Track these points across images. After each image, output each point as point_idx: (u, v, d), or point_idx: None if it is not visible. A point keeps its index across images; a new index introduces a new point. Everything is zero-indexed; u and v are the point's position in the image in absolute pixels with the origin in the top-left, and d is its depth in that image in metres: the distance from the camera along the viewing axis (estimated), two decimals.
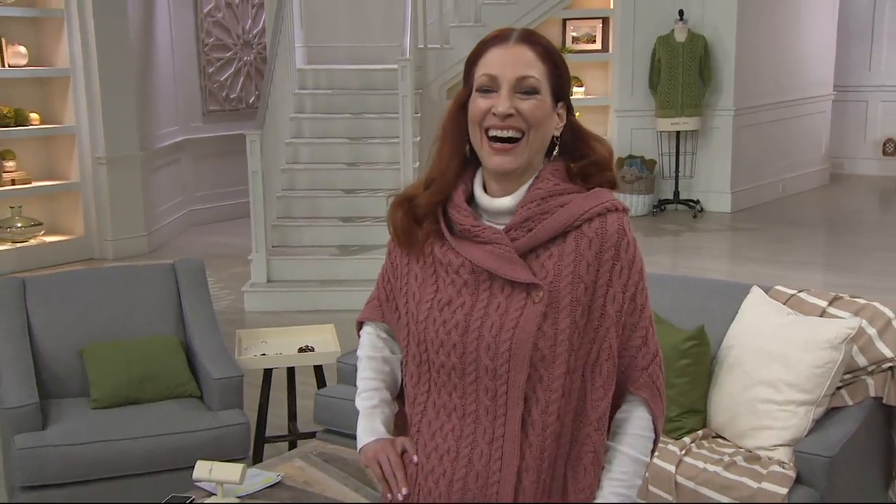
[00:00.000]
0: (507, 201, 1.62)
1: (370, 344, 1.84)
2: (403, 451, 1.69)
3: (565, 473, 1.60)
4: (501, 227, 1.61)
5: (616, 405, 1.66)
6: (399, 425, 1.79)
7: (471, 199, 1.66)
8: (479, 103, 1.60)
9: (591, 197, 1.61)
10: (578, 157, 1.67)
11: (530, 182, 1.63)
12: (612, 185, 1.68)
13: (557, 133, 1.65)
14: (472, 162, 1.67)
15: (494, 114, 1.57)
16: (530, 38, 1.63)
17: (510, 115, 1.58)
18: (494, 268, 1.58)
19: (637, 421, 1.64)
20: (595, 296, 1.59)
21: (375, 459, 1.69)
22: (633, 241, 1.63)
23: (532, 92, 1.59)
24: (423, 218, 1.66)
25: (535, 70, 1.59)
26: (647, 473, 1.70)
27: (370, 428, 1.74)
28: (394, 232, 1.72)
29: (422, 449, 1.65)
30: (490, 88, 1.59)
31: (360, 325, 1.88)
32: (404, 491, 1.64)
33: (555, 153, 1.66)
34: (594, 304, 1.59)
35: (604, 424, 1.62)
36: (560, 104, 1.65)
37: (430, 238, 1.66)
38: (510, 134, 1.58)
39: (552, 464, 1.59)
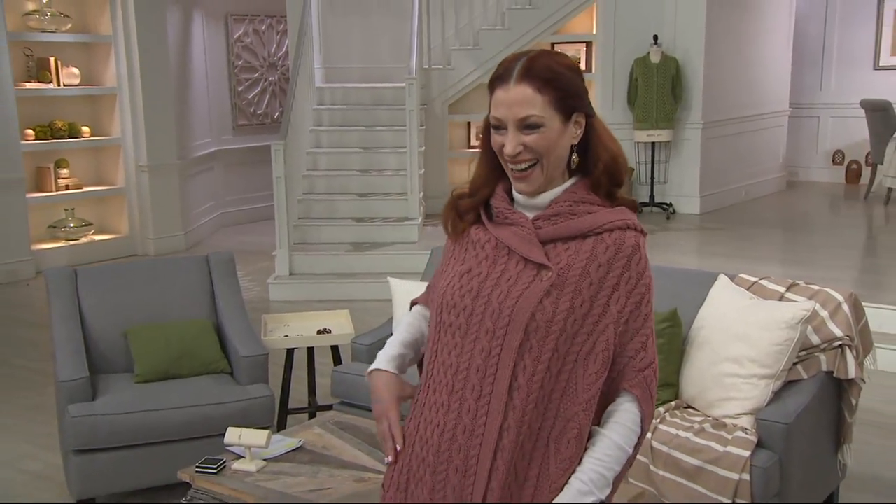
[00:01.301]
0: (541, 198, 1.62)
1: (411, 316, 1.82)
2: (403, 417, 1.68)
3: (548, 444, 1.56)
4: (531, 216, 1.63)
5: (610, 401, 1.63)
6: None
7: (509, 194, 1.67)
8: (495, 139, 1.60)
9: (616, 212, 1.61)
10: (594, 165, 1.64)
11: (561, 187, 1.63)
12: (634, 207, 1.67)
13: (575, 142, 1.62)
14: None
15: (505, 153, 1.57)
16: (529, 73, 1.57)
17: (520, 152, 1.57)
18: (515, 245, 1.59)
19: (626, 414, 1.60)
20: (600, 293, 1.57)
21: (381, 417, 1.67)
22: (645, 259, 1.63)
23: (535, 126, 1.56)
24: (466, 214, 1.68)
25: (536, 107, 1.56)
26: (628, 468, 1.63)
27: (385, 356, 1.73)
28: (445, 226, 1.72)
29: (422, 401, 1.64)
30: (500, 126, 1.58)
31: (411, 306, 1.87)
32: (390, 458, 1.64)
33: (574, 159, 1.64)
34: (597, 301, 1.57)
35: (592, 408, 1.58)
36: (576, 115, 1.60)
37: (470, 226, 1.68)
38: (523, 166, 1.58)
39: (535, 431, 1.56)
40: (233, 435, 2.83)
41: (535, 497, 1.55)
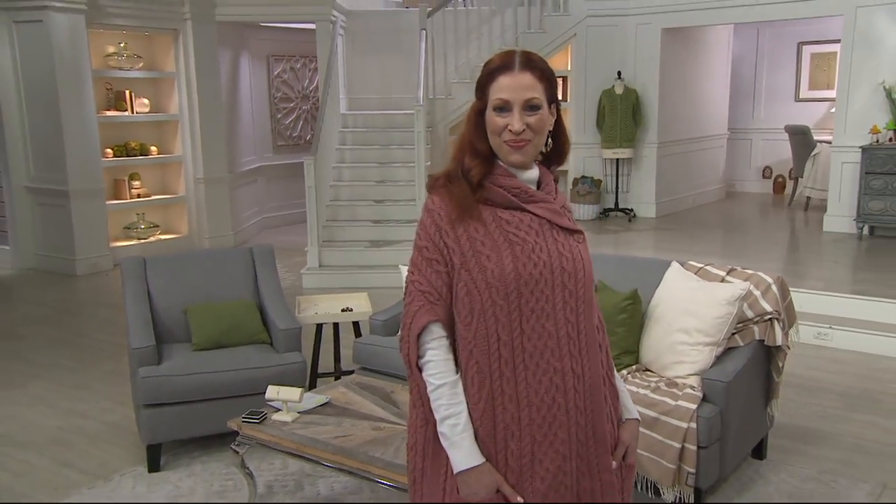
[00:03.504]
0: (530, 173, 1.59)
1: (439, 370, 1.52)
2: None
3: (608, 367, 1.64)
4: None
5: None
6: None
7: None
8: (497, 121, 1.52)
9: (563, 196, 1.66)
10: (559, 148, 1.65)
11: (535, 169, 1.61)
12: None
13: (551, 127, 1.60)
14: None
15: (511, 130, 1.52)
16: (529, 63, 1.55)
17: (525, 130, 1.53)
18: (554, 218, 1.57)
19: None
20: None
21: (493, 487, 1.49)
22: None
23: (536, 108, 1.53)
24: (477, 186, 1.54)
25: (537, 91, 1.54)
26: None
27: (467, 452, 1.49)
28: (452, 202, 1.52)
29: (526, 377, 1.49)
30: (504, 108, 1.52)
31: (418, 334, 1.53)
32: (519, 500, 1.50)
33: (549, 143, 1.62)
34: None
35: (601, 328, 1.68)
36: (552, 105, 1.59)
37: (480, 205, 1.53)
38: (523, 140, 1.54)
39: (607, 361, 1.63)
40: (272, 392, 2.84)
41: (615, 405, 1.63)
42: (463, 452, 1.48)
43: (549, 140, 1.62)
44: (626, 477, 1.65)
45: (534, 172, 1.61)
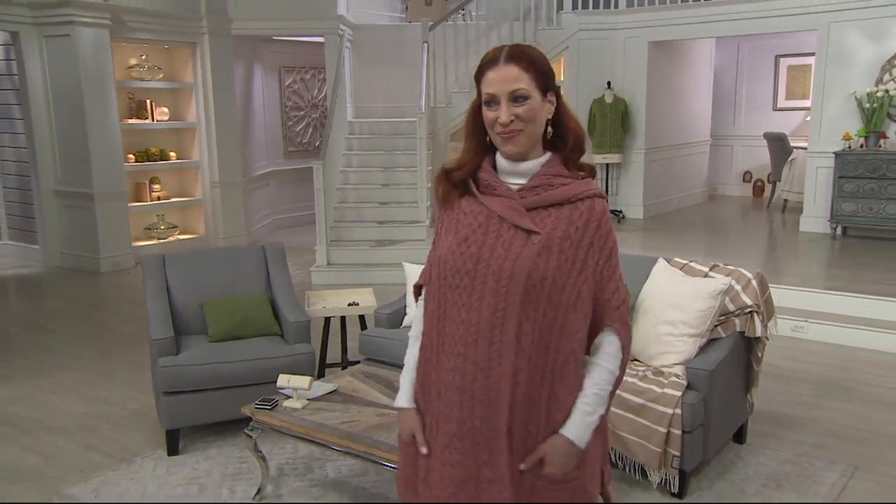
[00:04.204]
0: (526, 165, 1.54)
1: (413, 325, 1.68)
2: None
3: (553, 375, 1.49)
4: (516, 188, 1.54)
5: (595, 336, 1.57)
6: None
7: (494, 167, 1.58)
8: (488, 115, 1.51)
9: (584, 184, 1.54)
10: (561, 135, 1.56)
11: (539, 159, 1.54)
12: (593, 173, 1.61)
13: (550, 116, 1.54)
14: (493, 146, 1.59)
15: (499, 122, 1.49)
16: (514, 55, 1.49)
17: (513, 121, 1.49)
18: (505, 214, 1.50)
19: (610, 344, 1.54)
20: (579, 251, 1.50)
21: (409, 432, 1.61)
22: (609, 220, 1.57)
23: (523, 98, 1.48)
24: (458, 185, 1.57)
25: (523, 82, 1.48)
26: (618, 386, 1.59)
27: (402, 395, 1.65)
28: (437, 196, 1.60)
29: (436, 352, 1.55)
30: (492, 102, 1.50)
31: (417, 290, 1.68)
32: (424, 450, 1.57)
33: (549, 131, 1.55)
34: (577, 257, 1.49)
35: (584, 342, 1.53)
36: (549, 93, 1.52)
37: (460, 197, 1.57)
38: (513, 130, 1.50)
39: (541, 366, 1.48)
40: (283, 380, 2.83)
41: (549, 416, 1.50)
42: (400, 393, 1.66)
43: (549, 128, 1.55)
44: (538, 486, 1.52)
45: (530, 164, 1.54)
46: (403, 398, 1.64)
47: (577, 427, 1.51)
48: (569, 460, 1.51)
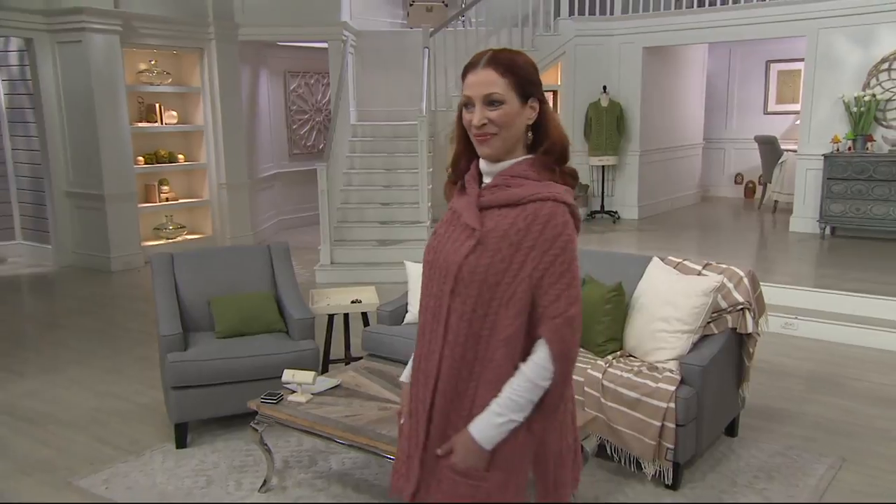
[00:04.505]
0: (500, 165, 1.51)
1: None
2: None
3: (478, 370, 1.46)
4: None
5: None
6: None
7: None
8: (465, 116, 1.50)
9: (542, 186, 1.46)
10: (540, 142, 1.51)
11: (511, 161, 1.51)
12: (573, 178, 1.52)
13: (530, 122, 1.50)
14: None
15: (473, 125, 1.47)
16: (494, 59, 1.46)
17: (485, 124, 1.47)
18: (462, 211, 1.51)
19: (538, 354, 1.43)
20: (518, 251, 1.42)
21: (403, 404, 1.68)
22: (561, 225, 1.43)
23: (497, 103, 1.45)
24: (455, 182, 1.60)
25: (498, 86, 1.44)
26: (554, 400, 1.48)
27: (405, 370, 1.71)
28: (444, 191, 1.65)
29: (418, 340, 1.58)
30: (469, 104, 1.48)
31: None
32: (401, 420, 1.64)
33: (529, 137, 1.52)
34: (516, 258, 1.42)
35: (512, 343, 1.43)
36: (531, 100, 1.48)
37: (455, 194, 1.59)
38: (487, 133, 1.48)
39: (467, 360, 1.46)
40: (288, 375, 2.83)
41: (471, 411, 1.47)
42: (405, 368, 1.71)
43: (530, 133, 1.51)
44: (444, 474, 1.49)
45: (503, 165, 1.50)
46: (404, 373, 1.71)
47: (483, 425, 1.44)
48: (469, 455, 1.45)
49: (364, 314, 3.94)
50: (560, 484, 1.56)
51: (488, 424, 1.45)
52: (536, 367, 1.43)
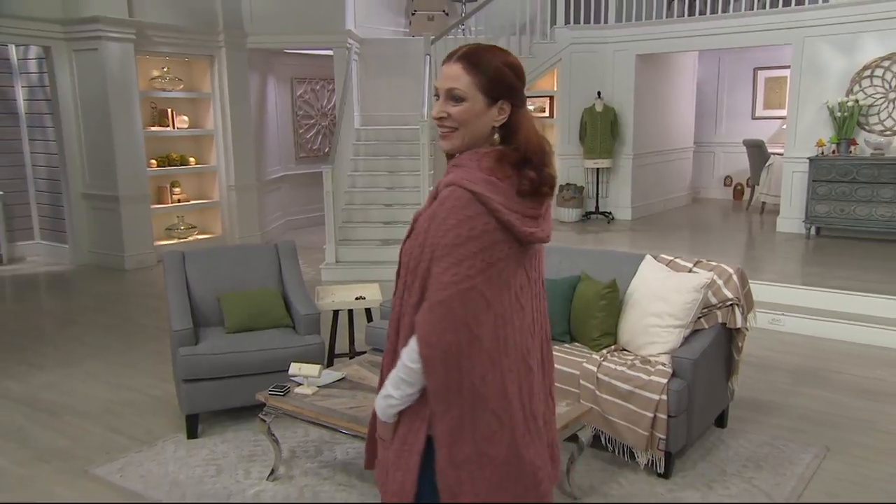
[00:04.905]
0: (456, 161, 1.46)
1: None
2: None
3: (398, 349, 1.43)
4: None
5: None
6: None
7: None
8: (434, 105, 1.43)
9: (463, 172, 1.37)
10: (511, 143, 1.42)
11: (464, 154, 1.44)
12: (533, 186, 1.37)
13: (497, 124, 1.40)
14: None
15: (433, 116, 1.41)
16: (466, 55, 1.38)
17: (443, 118, 1.40)
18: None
19: (413, 336, 1.37)
20: (427, 237, 1.37)
21: None
22: (448, 210, 1.34)
23: (458, 99, 1.38)
24: None
25: (461, 83, 1.37)
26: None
27: None
28: None
29: None
30: (437, 95, 1.42)
31: None
32: None
33: (496, 139, 1.43)
34: (425, 244, 1.37)
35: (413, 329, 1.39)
36: (501, 102, 1.39)
37: None
38: (445, 130, 1.42)
39: (391, 338, 1.46)
40: (295, 369, 2.83)
41: None
42: None
43: (497, 135, 1.42)
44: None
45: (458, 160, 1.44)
46: None
47: (378, 398, 1.45)
48: (378, 424, 1.47)
49: (367, 310, 3.94)
50: (464, 493, 1.39)
51: (378, 397, 1.46)
52: (408, 349, 1.38)
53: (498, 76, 1.38)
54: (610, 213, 8.37)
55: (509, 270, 1.40)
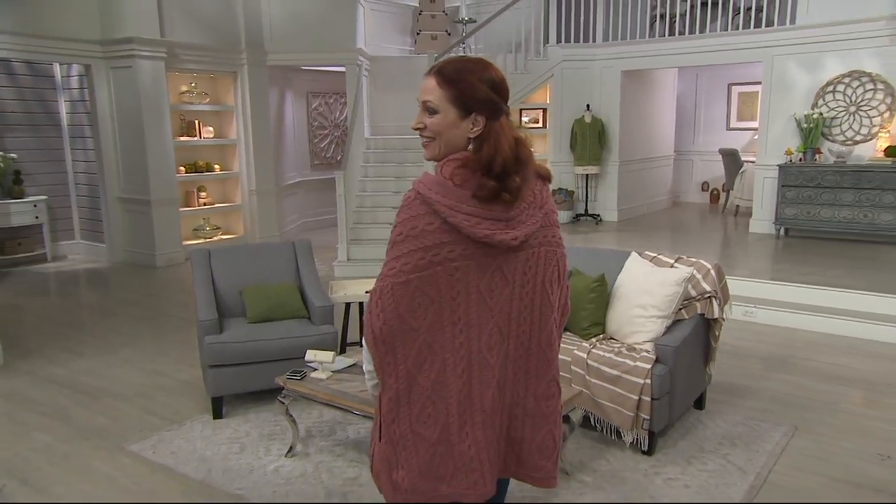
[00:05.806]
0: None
1: None
2: None
3: None
4: None
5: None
6: None
7: None
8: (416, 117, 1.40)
9: (421, 178, 1.36)
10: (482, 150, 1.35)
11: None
12: (490, 193, 1.30)
13: (472, 135, 1.35)
14: None
15: (412, 126, 1.39)
16: (440, 70, 1.35)
17: (421, 128, 1.38)
18: None
19: None
20: None
21: None
22: (402, 210, 1.33)
23: (433, 111, 1.35)
24: None
25: (434, 95, 1.34)
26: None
27: None
28: None
29: None
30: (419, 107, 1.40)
31: None
32: None
33: (469, 148, 1.36)
34: None
35: None
36: (474, 115, 1.33)
37: None
38: (424, 140, 1.40)
39: None
40: (310, 355, 2.83)
41: None
42: None
43: (470, 145, 1.36)
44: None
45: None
46: None
47: None
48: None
49: None
50: (399, 465, 1.37)
51: None
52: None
53: (469, 91, 1.33)
54: (598, 215, 8.36)
55: (466, 271, 1.32)
